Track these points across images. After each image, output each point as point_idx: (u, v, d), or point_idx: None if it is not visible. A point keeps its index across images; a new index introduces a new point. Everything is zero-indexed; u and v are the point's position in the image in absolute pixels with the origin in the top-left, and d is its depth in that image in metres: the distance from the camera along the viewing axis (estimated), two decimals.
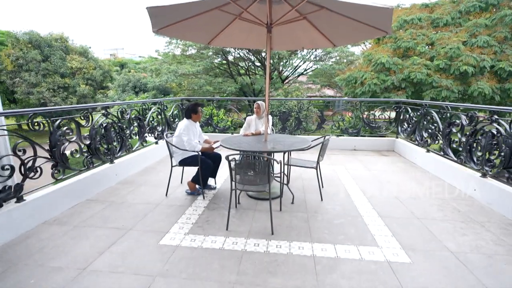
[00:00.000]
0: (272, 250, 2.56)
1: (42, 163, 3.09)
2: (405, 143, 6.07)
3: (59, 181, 3.40)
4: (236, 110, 7.54)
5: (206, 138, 4.12)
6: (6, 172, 2.76)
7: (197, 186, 3.84)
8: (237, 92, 19.86)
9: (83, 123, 3.74)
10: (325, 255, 2.49)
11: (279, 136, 4.17)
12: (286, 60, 19.43)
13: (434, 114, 4.91)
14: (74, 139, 3.54)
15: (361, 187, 4.18)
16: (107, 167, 4.15)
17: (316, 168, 3.70)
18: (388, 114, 7.00)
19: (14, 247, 2.59)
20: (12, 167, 2.82)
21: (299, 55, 19.31)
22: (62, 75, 22.92)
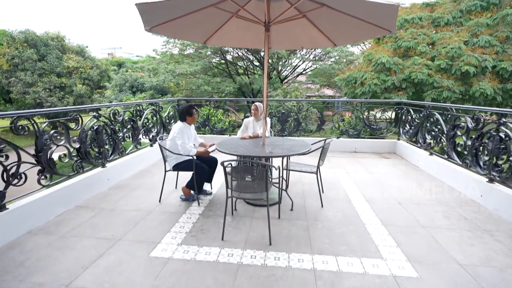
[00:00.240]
0: (270, 263, 2.40)
1: (27, 168, 2.93)
2: (407, 145, 5.92)
3: (46, 187, 3.24)
4: (234, 111, 7.37)
5: (202, 141, 3.96)
6: None
7: (192, 192, 3.68)
8: (235, 92, 19.68)
9: (72, 126, 3.57)
10: (326, 268, 2.33)
11: (278, 139, 4.02)
12: (285, 59, 19.26)
13: (438, 116, 4.76)
14: (62, 142, 3.38)
15: (362, 192, 4.03)
16: (98, 171, 3.99)
17: (316, 173, 3.55)
18: (389, 114, 6.86)
19: None
20: None
21: (298, 54, 19.14)
22: (59, 75, 22.65)
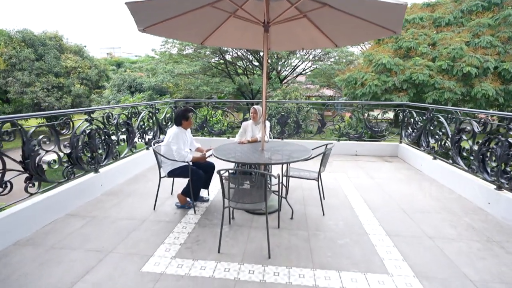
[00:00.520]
0: (269, 279, 2.26)
1: (13, 176, 2.78)
2: (409, 148, 5.79)
3: (35, 195, 3.09)
4: (232, 114, 7.22)
5: (198, 145, 3.82)
6: None
7: (188, 199, 3.53)
8: (234, 92, 19.54)
9: (63, 130, 3.42)
10: (329, 285, 2.19)
11: (277, 144, 3.87)
12: (285, 59, 19.12)
13: (442, 119, 4.62)
14: (52, 148, 3.23)
15: (365, 199, 3.89)
16: (91, 177, 3.84)
17: (317, 179, 3.40)
18: (390, 115, 6.72)
19: None
20: None
21: (298, 54, 19.01)
22: (57, 75, 22.46)
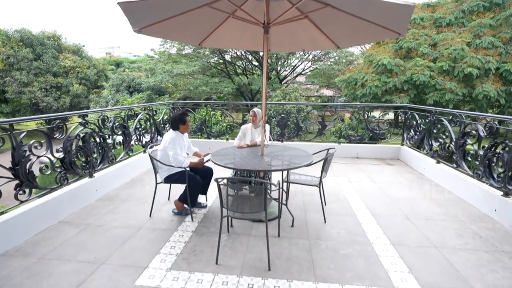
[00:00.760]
0: None
1: (2, 184, 2.66)
2: (411, 151, 5.68)
3: (26, 202, 2.97)
4: (231, 115, 7.11)
5: (196, 150, 3.71)
6: None
7: (185, 206, 3.42)
8: (234, 93, 19.43)
9: (55, 135, 3.30)
10: None
11: (277, 149, 3.76)
12: (284, 59, 19.02)
13: (446, 122, 4.52)
14: (43, 153, 3.11)
15: (367, 204, 3.78)
16: (85, 182, 3.72)
17: (318, 185, 3.30)
18: (390, 116, 6.62)
19: None
20: None
21: (297, 54, 18.92)
22: (55, 74, 22.33)
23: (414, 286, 2.23)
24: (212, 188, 3.89)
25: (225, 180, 2.36)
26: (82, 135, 3.65)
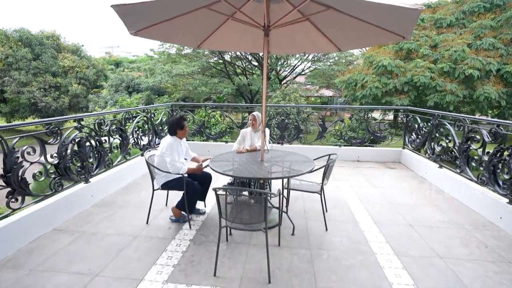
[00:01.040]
0: None
1: None
2: (413, 155, 5.61)
3: (19, 210, 2.89)
4: (230, 117, 7.03)
5: (194, 155, 3.62)
6: None
7: (183, 212, 3.34)
8: (233, 93, 19.33)
9: (49, 140, 3.21)
10: None
11: (277, 154, 3.67)
12: (284, 60, 18.93)
13: (449, 126, 4.44)
14: (37, 159, 3.02)
15: (369, 211, 3.70)
16: (81, 188, 3.63)
17: (320, 193, 3.21)
18: (390, 116, 6.54)
19: None
20: None
21: (297, 55, 18.81)
22: (54, 74, 22.19)
23: None
24: (211, 193, 3.80)
25: (223, 190, 2.27)
26: (77, 140, 3.56)
